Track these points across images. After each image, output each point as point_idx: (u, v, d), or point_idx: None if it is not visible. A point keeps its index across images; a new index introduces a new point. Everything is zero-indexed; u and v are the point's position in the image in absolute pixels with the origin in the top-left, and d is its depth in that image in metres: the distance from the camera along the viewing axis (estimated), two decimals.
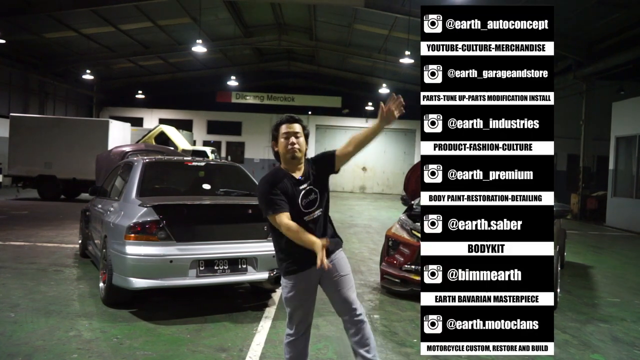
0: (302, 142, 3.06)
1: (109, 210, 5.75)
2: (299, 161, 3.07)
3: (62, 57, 24.73)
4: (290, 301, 3.10)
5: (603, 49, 16.88)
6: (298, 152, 3.03)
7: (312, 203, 3.04)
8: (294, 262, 3.04)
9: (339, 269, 3.09)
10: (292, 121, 3.07)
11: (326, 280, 3.09)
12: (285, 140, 3.03)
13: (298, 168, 3.09)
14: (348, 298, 3.08)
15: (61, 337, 4.32)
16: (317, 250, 2.81)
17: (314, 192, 3.05)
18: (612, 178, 16.51)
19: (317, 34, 23.93)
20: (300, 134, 3.06)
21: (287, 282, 3.09)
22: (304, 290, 3.07)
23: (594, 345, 4.73)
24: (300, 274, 3.04)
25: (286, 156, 3.04)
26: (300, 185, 3.04)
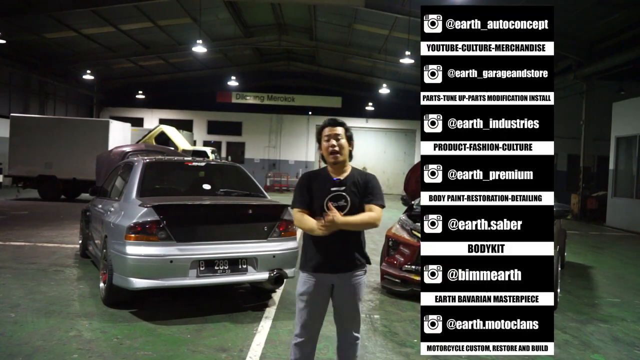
0: (343, 144, 3.08)
1: (109, 210, 5.76)
2: (342, 164, 3.10)
3: (63, 57, 24.75)
4: (299, 298, 3.12)
5: (603, 49, 16.88)
6: (339, 155, 3.06)
7: (339, 208, 3.00)
8: (311, 260, 3.08)
9: (352, 293, 3.09)
10: (334, 124, 3.12)
11: (336, 296, 3.11)
12: (326, 143, 3.08)
13: (342, 170, 3.12)
14: (351, 323, 3.14)
15: (61, 337, 4.32)
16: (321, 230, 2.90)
17: (344, 200, 3.04)
18: (612, 178, 16.51)
19: (317, 34, 23.93)
20: (341, 136, 3.09)
21: (301, 278, 3.13)
22: (313, 293, 3.06)
23: (594, 345, 4.73)
24: (313, 274, 3.06)
25: (328, 158, 3.09)
26: (332, 187, 3.07)
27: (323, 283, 3.06)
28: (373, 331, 4.86)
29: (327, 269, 3.04)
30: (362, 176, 3.13)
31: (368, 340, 4.59)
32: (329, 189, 3.06)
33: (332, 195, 3.04)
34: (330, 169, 3.13)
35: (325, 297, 3.11)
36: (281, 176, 29.31)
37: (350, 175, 3.11)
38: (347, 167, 3.15)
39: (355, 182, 3.09)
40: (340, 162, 3.09)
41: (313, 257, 3.07)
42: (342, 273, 3.06)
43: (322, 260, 3.04)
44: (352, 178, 3.10)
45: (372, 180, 3.13)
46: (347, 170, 3.14)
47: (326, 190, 3.06)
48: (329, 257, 3.03)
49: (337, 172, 3.11)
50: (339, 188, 3.06)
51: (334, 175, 3.10)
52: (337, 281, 3.06)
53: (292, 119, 31.28)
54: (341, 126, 3.12)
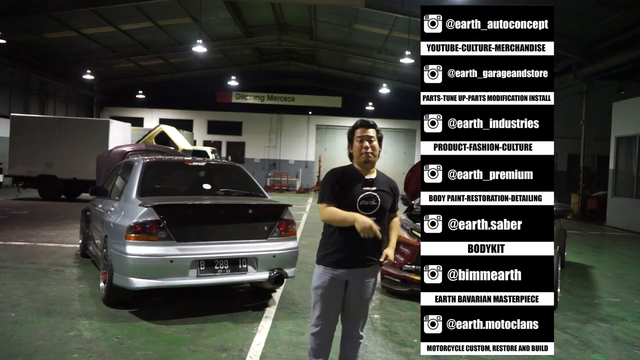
0: (376, 145, 3.12)
1: (109, 210, 5.76)
2: (372, 164, 3.14)
3: (63, 57, 24.76)
4: (314, 292, 3.16)
5: (603, 49, 16.88)
6: (372, 156, 3.09)
7: (369, 207, 3.06)
8: (331, 255, 3.09)
9: (364, 291, 3.16)
10: (366, 125, 3.13)
11: (349, 292, 3.14)
12: (359, 144, 3.09)
13: (370, 171, 3.16)
14: (358, 320, 3.21)
15: (62, 337, 4.32)
16: (364, 228, 2.93)
17: (375, 200, 3.08)
18: (612, 178, 16.51)
19: (317, 34, 23.93)
20: (374, 138, 3.11)
21: (317, 271, 3.16)
22: (328, 288, 3.09)
23: (594, 345, 4.73)
24: (331, 269, 3.08)
25: (360, 159, 3.10)
26: (366, 186, 3.10)
27: (339, 279, 3.09)
28: (373, 331, 4.86)
29: (345, 265, 3.07)
30: (390, 182, 3.23)
31: (368, 340, 4.59)
32: (362, 188, 3.08)
33: (364, 194, 3.06)
34: (359, 168, 3.15)
35: (340, 292, 3.13)
36: (281, 176, 29.30)
37: (378, 178, 3.18)
38: (374, 168, 3.20)
39: (385, 184, 3.17)
40: (371, 163, 3.12)
41: (335, 251, 3.08)
42: (360, 268, 3.09)
43: (343, 256, 3.06)
44: (382, 180, 3.18)
45: (396, 186, 3.27)
46: (375, 171, 3.19)
47: (358, 189, 3.07)
48: (352, 253, 3.05)
49: (366, 172, 3.15)
50: (371, 188, 3.09)
51: (366, 175, 3.13)
52: (352, 278, 3.09)
53: (292, 119, 31.28)
54: (373, 128, 3.15)
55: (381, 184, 3.15)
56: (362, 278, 3.11)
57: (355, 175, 3.13)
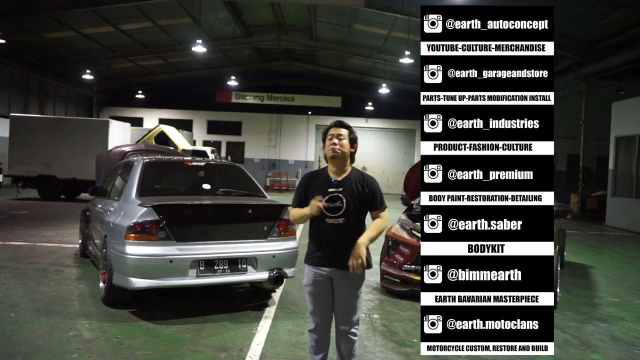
0: (345, 144, 3.16)
1: (109, 210, 5.75)
2: (340, 162, 3.17)
3: (62, 57, 24.74)
4: (305, 289, 3.30)
5: (603, 48, 16.88)
6: (337, 152, 3.13)
7: (334, 209, 3.11)
8: (312, 254, 3.24)
9: (349, 289, 3.19)
10: (339, 125, 3.22)
11: (335, 290, 3.21)
12: (328, 141, 3.18)
13: (342, 171, 3.20)
14: (345, 316, 3.22)
15: (61, 337, 4.32)
16: (312, 208, 3.06)
17: (340, 201, 3.11)
18: (612, 178, 16.51)
19: (317, 34, 23.93)
20: (344, 136, 3.17)
21: (306, 269, 3.30)
22: (315, 285, 3.21)
23: (593, 345, 4.73)
24: (313, 267, 3.22)
25: (328, 154, 3.18)
26: (330, 187, 3.15)
27: (323, 276, 3.19)
28: (373, 331, 4.86)
29: (327, 264, 3.17)
30: (361, 179, 3.20)
31: (368, 340, 4.59)
32: (327, 190, 3.14)
33: (329, 196, 3.11)
34: (330, 169, 3.21)
35: (327, 288, 3.21)
36: (281, 176, 29.30)
37: (349, 177, 3.18)
38: (347, 167, 3.22)
39: (354, 184, 3.16)
40: (338, 159, 3.15)
41: (314, 251, 3.22)
42: (341, 270, 3.14)
43: (322, 255, 3.18)
44: (351, 180, 3.17)
45: (372, 183, 3.21)
46: (347, 171, 3.21)
47: (324, 191, 3.14)
48: (328, 253, 3.16)
49: (337, 172, 3.19)
50: (337, 189, 3.13)
51: (333, 176, 3.18)
52: (335, 275, 3.17)
53: (292, 119, 31.28)
54: (346, 128, 3.20)
55: (350, 184, 3.16)
56: (345, 276, 3.15)
57: (323, 178, 3.21)
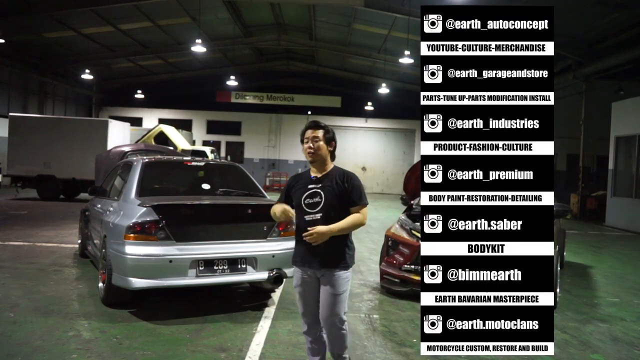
0: (321, 145, 3.23)
1: (108, 210, 5.75)
2: (320, 163, 3.26)
3: (62, 57, 24.72)
4: (295, 290, 3.37)
5: (602, 48, 16.88)
6: (314, 155, 3.23)
7: (313, 205, 3.19)
8: (296, 255, 3.34)
9: (332, 285, 3.21)
10: (314, 127, 3.28)
11: (321, 289, 3.27)
12: (305, 145, 3.26)
13: (323, 169, 3.28)
14: (328, 312, 3.22)
15: (60, 337, 4.31)
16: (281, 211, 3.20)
17: (319, 196, 3.19)
18: (611, 178, 16.51)
19: (317, 34, 23.92)
20: (319, 138, 3.24)
21: (294, 271, 3.38)
22: (303, 285, 3.30)
23: (593, 345, 4.73)
24: (299, 268, 3.31)
25: (306, 158, 3.27)
26: (310, 184, 3.25)
27: (309, 276, 3.27)
28: (372, 331, 4.86)
29: (310, 265, 3.24)
30: (341, 175, 3.26)
31: (367, 340, 4.59)
32: (307, 187, 3.25)
33: (308, 192, 3.22)
34: (312, 170, 3.32)
35: (315, 287, 3.28)
36: (280, 176, 29.30)
37: (328, 174, 3.27)
38: (328, 166, 3.30)
39: (334, 180, 3.23)
40: (317, 162, 3.25)
41: (298, 251, 3.30)
42: (325, 269, 3.21)
43: (304, 254, 3.25)
44: (331, 176, 3.25)
45: (352, 180, 3.26)
46: (328, 169, 3.29)
47: (304, 189, 3.25)
48: (310, 254, 3.22)
49: (317, 171, 3.29)
50: (315, 185, 3.23)
51: (313, 174, 3.29)
52: (320, 274, 3.25)
53: (292, 119, 31.25)
54: (322, 129, 3.27)
55: (329, 180, 3.23)
56: (329, 275, 3.21)
57: (305, 177, 3.32)
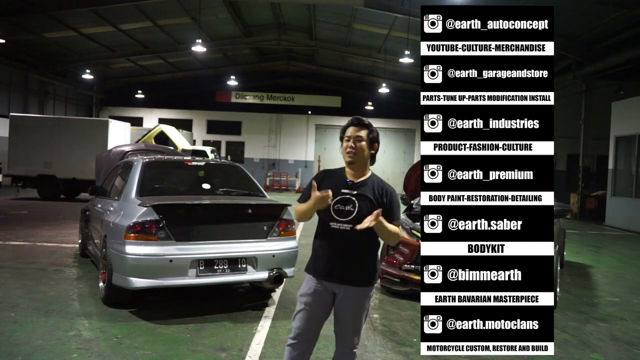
0: (363, 146, 2.88)
1: (108, 209, 5.75)
2: (359, 167, 2.91)
3: (62, 57, 24.74)
4: (299, 299, 2.97)
5: (603, 48, 16.89)
6: (354, 157, 2.87)
7: (344, 213, 2.83)
8: (318, 264, 2.93)
9: (357, 305, 2.90)
10: (358, 124, 2.92)
11: (338, 306, 2.92)
12: (345, 143, 2.91)
13: (361, 174, 2.93)
14: (349, 335, 2.95)
15: (61, 336, 4.32)
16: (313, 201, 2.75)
17: (352, 205, 2.83)
18: (611, 178, 16.52)
19: (317, 34, 23.92)
20: (362, 138, 2.88)
21: (306, 278, 3.00)
22: (313, 298, 2.90)
23: (593, 345, 4.74)
24: (314, 278, 2.93)
25: (345, 159, 2.92)
26: (343, 188, 2.88)
27: (326, 290, 2.90)
28: (372, 330, 4.86)
29: (328, 277, 2.87)
30: (380, 187, 2.92)
31: (367, 339, 4.59)
32: (340, 190, 2.86)
33: (340, 197, 2.85)
34: (347, 171, 2.95)
35: (327, 304, 2.92)
36: (281, 176, 29.30)
37: (366, 181, 2.92)
38: (367, 171, 2.96)
39: (372, 190, 2.89)
40: (356, 164, 2.90)
41: (316, 260, 2.92)
42: (346, 285, 2.87)
43: (324, 266, 2.88)
44: (369, 185, 2.90)
45: (392, 194, 2.95)
46: (366, 175, 2.95)
47: (337, 191, 2.85)
48: (329, 263, 2.87)
49: (354, 175, 2.93)
50: (350, 191, 2.86)
51: (349, 177, 2.93)
52: (338, 291, 2.89)
53: (292, 119, 31.28)
54: (366, 128, 2.91)
55: (367, 189, 2.88)
56: (352, 293, 2.88)
57: (338, 177, 2.94)
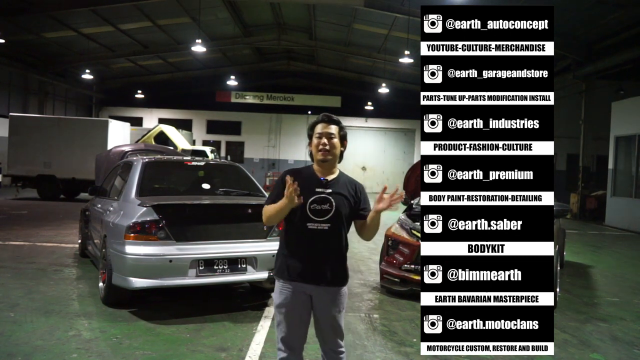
0: (335, 143, 2.83)
1: (108, 209, 5.75)
2: (330, 164, 2.85)
3: (62, 57, 24.74)
4: (277, 311, 2.86)
5: (602, 48, 16.90)
6: (329, 154, 2.81)
7: (321, 213, 2.76)
8: (288, 266, 2.82)
9: (333, 304, 2.83)
10: (328, 121, 2.86)
11: (316, 308, 2.84)
12: (317, 140, 2.83)
13: (330, 172, 2.87)
14: (331, 337, 2.87)
15: (61, 336, 4.32)
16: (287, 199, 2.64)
17: (329, 204, 2.77)
18: (611, 178, 16.52)
19: (317, 34, 23.92)
20: (334, 135, 2.83)
21: (277, 287, 2.87)
22: (291, 304, 2.79)
23: (593, 345, 4.73)
24: (290, 282, 2.80)
25: (317, 157, 2.84)
26: (319, 187, 2.80)
27: (302, 293, 2.79)
28: (372, 330, 4.86)
29: (306, 279, 2.77)
30: (352, 184, 2.91)
31: (367, 339, 4.59)
32: (314, 189, 2.79)
33: (316, 197, 2.77)
34: (316, 168, 2.88)
35: (306, 307, 2.82)
36: None
37: (338, 179, 2.88)
38: (336, 169, 2.92)
39: (345, 187, 2.86)
40: (329, 162, 2.84)
41: (291, 263, 2.81)
42: (324, 286, 2.80)
43: (302, 268, 2.78)
44: (341, 183, 2.87)
45: (363, 190, 2.95)
46: (335, 172, 2.90)
47: (310, 191, 2.77)
48: (309, 266, 2.78)
49: (324, 173, 2.87)
50: (325, 190, 2.80)
51: (320, 175, 2.85)
52: (315, 293, 2.80)
53: (292, 119, 31.27)
54: (336, 124, 2.86)
55: (340, 186, 2.84)
56: (326, 293, 2.81)
57: (310, 176, 2.84)
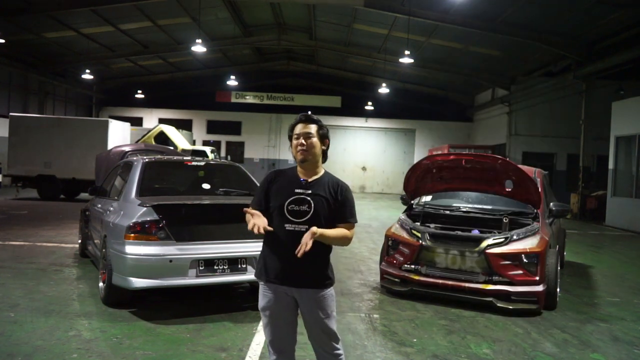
0: (314, 143, 2.78)
1: (108, 210, 5.75)
2: (311, 165, 2.79)
3: (62, 57, 24.72)
4: (262, 314, 2.82)
5: (602, 48, 16.88)
6: (308, 154, 2.76)
7: (299, 214, 2.70)
8: (269, 269, 2.77)
9: (320, 307, 2.74)
10: (306, 121, 2.83)
11: (303, 312, 2.78)
12: (296, 141, 2.80)
13: (313, 172, 2.81)
14: (323, 339, 2.78)
15: (61, 336, 4.32)
16: (251, 217, 2.64)
17: (307, 205, 2.70)
18: (611, 178, 16.51)
19: (317, 34, 23.92)
20: (313, 134, 2.78)
21: (260, 290, 2.82)
22: (275, 307, 2.75)
23: (593, 345, 4.73)
24: (271, 285, 2.76)
25: (297, 157, 2.79)
26: (297, 188, 2.75)
27: (285, 295, 2.74)
28: (372, 330, 4.86)
29: (287, 282, 2.71)
30: (334, 185, 2.79)
31: (367, 339, 4.59)
32: (293, 191, 2.75)
33: (294, 197, 2.72)
34: (299, 169, 2.84)
35: (291, 309, 2.77)
36: None
37: (320, 180, 2.80)
38: (319, 169, 2.84)
39: (326, 189, 2.76)
40: (309, 162, 2.78)
41: (269, 264, 2.75)
42: (305, 289, 2.72)
43: (281, 271, 2.71)
44: (323, 184, 2.78)
45: (345, 192, 2.79)
46: (319, 173, 2.83)
47: (289, 192, 2.74)
48: (289, 269, 2.70)
49: (307, 173, 2.81)
50: (305, 191, 2.74)
51: (302, 176, 2.81)
52: (297, 295, 2.74)
53: (292, 119, 29.78)
54: (314, 124, 2.82)
55: (321, 187, 2.75)
56: (310, 296, 2.73)
57: (290, 177, 2.81)
